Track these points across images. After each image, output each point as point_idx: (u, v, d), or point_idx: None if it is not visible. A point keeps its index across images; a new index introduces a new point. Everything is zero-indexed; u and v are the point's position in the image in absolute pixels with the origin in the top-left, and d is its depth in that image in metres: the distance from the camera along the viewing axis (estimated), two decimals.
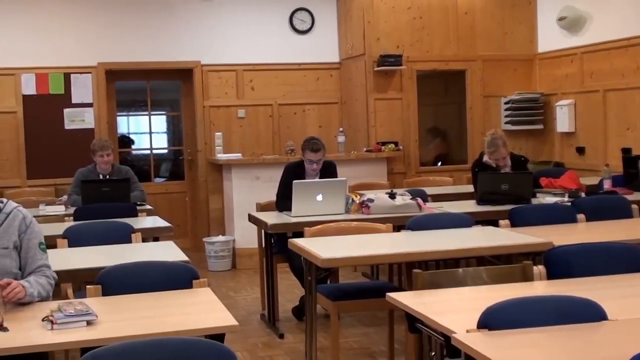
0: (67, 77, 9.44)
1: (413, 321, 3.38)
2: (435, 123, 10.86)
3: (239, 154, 9.40)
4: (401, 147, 9.49)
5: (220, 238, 9.06)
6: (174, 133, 10.81)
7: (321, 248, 4.52)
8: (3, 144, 9.28)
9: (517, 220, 5.43)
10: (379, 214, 5.92)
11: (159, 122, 10.93)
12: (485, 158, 6.80)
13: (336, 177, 6.62)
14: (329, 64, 10.26)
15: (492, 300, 2.89)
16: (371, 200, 6.04)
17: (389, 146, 9.34)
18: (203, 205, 9.89)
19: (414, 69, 9.63)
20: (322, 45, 10.22)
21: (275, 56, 10.05)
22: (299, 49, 10.13)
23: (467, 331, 2.75)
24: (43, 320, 3.01)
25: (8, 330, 2.95)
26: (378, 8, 9.47)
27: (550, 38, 9.66)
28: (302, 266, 5.04)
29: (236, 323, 2.98)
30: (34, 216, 3.74)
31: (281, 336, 6.09)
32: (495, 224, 5.41)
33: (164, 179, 10.53)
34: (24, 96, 9.32)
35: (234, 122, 9.96)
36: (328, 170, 6.64)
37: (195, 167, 10.02)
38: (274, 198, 6.61)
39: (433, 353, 3.61)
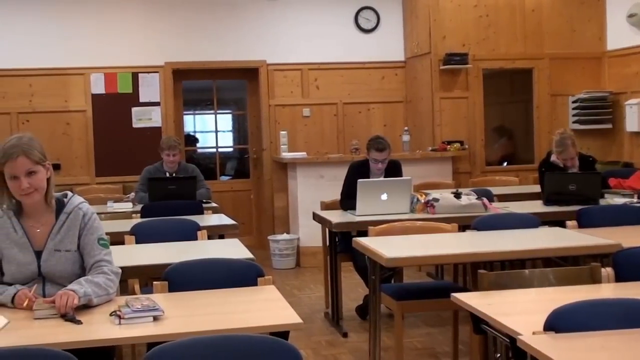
0: (135, 77, 9.60)
1: (478, 322, 3.35)
2: (502, 122, 10.74)
3: (304, 153, 9.43)
4: (467, 146, 9.42)
5: (285, 236, 9.10)
6: (240, 132, 10.89)
7: (386, 247, 4.50)
8: (73, 142, 9.48)
9: (584, 221, 5.34)
10: (444, 213, 5.88)
11: (225, 120, 11.02)
12: (553, 157, 6.70)
13: (401, 176, 6.60)
14: (394, 63, 10.23)
15: (558, 302, 2.85)
16: (436, 200, 6.00)
17: (455, 145, 9.28)
18: (268, 204, 9.95)
19: (480, 68, 9.55)
20: (387, 44, 10.20)
21: (340, 55, 10.07)
22: (364, 48, 10.13)
23: (533, 333, 2.71)
24: (111, 314, 3.05)
25: (82, 322, 3.01)
26: (444, 6, 9.42)
27: (619, 35, 9.47)
28: (366, 265, 5.04)
29: (300, 321, 2.98)
30: (102, 213, 3.77)
31: (345, 335, 6.09)
32: (562, 224, 5.32)
33: (230, 177, 10.62)
34: (93, 95, 9.51)
35: (299, 121, 10.00)
36: (393, 170, 6.62)
37: (261, 166, 10.09)
38: (338, 197, 6.62)
39: (498, 355, 3.57)
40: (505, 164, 10.30)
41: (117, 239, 4.76)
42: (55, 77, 9.43)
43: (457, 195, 6.06)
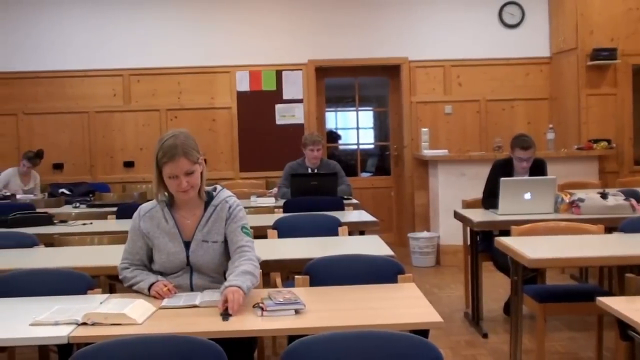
0: (278, 74, 9.78)
1: (625, 328, 3.24)
2: None
3: (445, 150, 9.37)
4: (614, 145, 9.12)
5: (425, 234, 9.07)
6: (381, 129, 10.92)
7: (529, 248, 4.42)
8: (219, 138, 9.75)
9: None
10: (589, 214, 5.72)
11: (366, 117, 11.07)
12: None
13: (546, 175, 6.45)
14: (539, 59, 10.01)
15: None
16: (582, 200, 5.85)
17: (601, 144, 9.01)
18: (408, 201, 9.94)
19: (629, 63, 9.21)
20: (532, 40, 9.99)
21: (483, 51, 9.94)
22: (508, 44, 9.96)
23: None
24: (254, 307, 3.11)
25: (232, 315, 3.06)
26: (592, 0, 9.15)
27: None
28: (507, 265, 4.96)
29: (441, 320, 2.97)
30: (246, 207, 3.84)
31: (485, 336, 6.01)
32: None
33: (370, 174, 10.66)
34: (238, 92, 9.76)
35: (441, 118, 9.94)
36: (538, 169, 6.46)
37: (401, 163, 10.08)
38: (480, 195, 6.54)
39: None
40: None
41: (260, 233, 4.87)
42: (202, 75, 9.74)
43: (604, 196, 5.89)
